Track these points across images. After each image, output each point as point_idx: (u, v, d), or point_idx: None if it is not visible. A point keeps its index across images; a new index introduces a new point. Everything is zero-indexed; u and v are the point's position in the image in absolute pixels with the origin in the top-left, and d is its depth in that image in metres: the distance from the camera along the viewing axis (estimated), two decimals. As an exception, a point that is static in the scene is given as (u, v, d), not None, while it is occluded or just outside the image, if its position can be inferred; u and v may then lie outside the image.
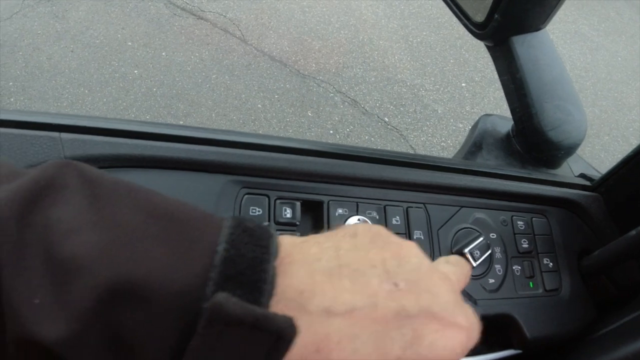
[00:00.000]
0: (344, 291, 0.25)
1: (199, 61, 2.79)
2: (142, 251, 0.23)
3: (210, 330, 0.21)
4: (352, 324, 0.24)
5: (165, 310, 0.22)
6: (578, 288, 0.58)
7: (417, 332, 0.25)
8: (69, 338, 0.21)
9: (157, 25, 2.96)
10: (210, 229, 0.24)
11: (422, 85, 3.05)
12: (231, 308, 0.21)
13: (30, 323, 0.21)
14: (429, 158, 0.55)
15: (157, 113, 2.46)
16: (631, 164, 0.60)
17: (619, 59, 4.07)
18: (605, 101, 3.51)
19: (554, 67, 0.66)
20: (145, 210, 0.24)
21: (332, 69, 2.97)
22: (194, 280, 0.22)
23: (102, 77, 2.58)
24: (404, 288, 0.26)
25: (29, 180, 0.24)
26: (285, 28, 3.18)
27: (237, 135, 0.47)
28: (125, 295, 0.22)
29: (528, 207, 0.59)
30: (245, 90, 2.69)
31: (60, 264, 0.22)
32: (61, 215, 0.23)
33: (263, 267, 0.23)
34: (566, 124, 0.65)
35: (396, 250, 0.28)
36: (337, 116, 2.70)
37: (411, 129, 2.75)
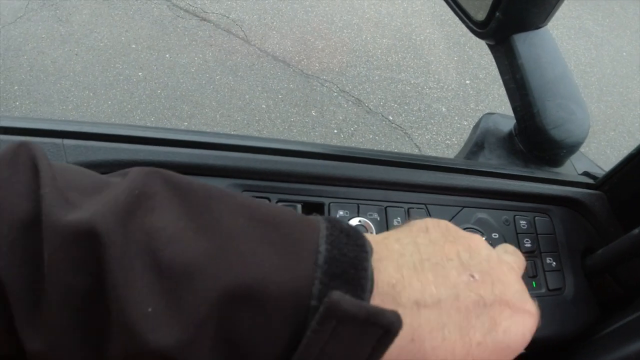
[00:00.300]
0: (429, 284, 0.27)
1: (203, 62, 2.79)
2: (250, 255, 0.24)
3: (324, 327, 0.22)
4: (440, 314, 0.26)
5: (278, 310, 0.23)
6: (582, 287, 0.58)
7: (494, 319, 0.27)
8: (184, 343, 0.22)
9: (161, 27, 2.97)
10: (309, 230, 0.26)
11: (425, 83, 3.04)
12: (346, 305, 0.22)
13: (144, 331, 0.21)
14: (430, 158, 0.55)
15: (162, 115, 2.47)
16: (635, 161, 0.60)
17: (624, 54, 4.04)
18: (611, 97, 3.49)
19: (555, 65, 0.66)
20: (243, 215, 0.25)
21: (336, 68, 2.97)
22: (302, 281, 0.24)
23: (107, 80, 2.59)
24: (479, 279, 0.28)
25: (124, 191, 0.24)
26: (288, 28, 3.18)
27: (237, 138, 0.47)
28: (239, 298, 0.23)
29: (531, 207, 0.59)
30: (249, 90, 2.70)
31: (168, 271, 0.23)
32: (160, 223, 0.24)
33: (363, 265, 0.25)
34: (569, 123, 0.65)
35: (466, 243, 0.30)
36: (341, 115, 2.70)
37: (415, 127, 2.74)
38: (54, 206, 0.23)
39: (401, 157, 0.53)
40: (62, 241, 0.22)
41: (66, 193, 0.24)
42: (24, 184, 0.24)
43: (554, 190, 0.60)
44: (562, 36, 3.97)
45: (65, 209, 0.23)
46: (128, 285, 0.22)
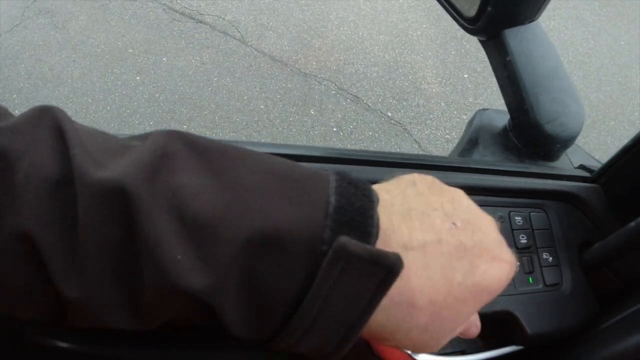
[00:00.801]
0: (416, 230, 0.29)
1: (200, 65, 2.79)
2: (268, 206, 0.26)
3: (334, 267, 0.25)
4: (424, 256, 0.29)
5: (296, 254, 0.25)
6: (579, 282, 0.58)
7: (473, 262, 0.30)
8: (212, 287, 0.24)
9: (157, 31, 2.97)
10: (320, 183, 0.28)
11: (424, 78, 3.04)
12: (353, 247, 0.25)
13: (175, 277, 0.24)
14: (422, 157, 0.54)
15: (161, 118, 2.47)
16: (630, 153, 0.60)
17: (622, 42, 4.02)
18: (610, 86, 3.47)
19: (548, 59, 0.66)
20: (259, 171, 0.28)
21: (333, 66, 2.97)
22: (315, 228, 0.26)
23: (105, 86, 2.60)
24: (461, 226, 0.31)
25: (147, 151, 0.26)
26: (285, 27, 3.18)
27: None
28: (259, 245, 0.25)
29: (526, 202, 0.58)
30: (247, 91, 2.70)
31: (193, 223, 0.25)
32: (184, 180, 0.26)
33: (369, 213, 0.27)
34: (563, 117, 0.65)
35: (450, 196, 0.33)
36: (340, 113, 2.69)
37: (415, 123, 2.74)
38: (85, 165, 0.25)
39: (393, 157, 0.53)
40: (95, 197, 0.24)
41: (94, 154, 0.26)
42: (51, 145, 0.26)
43: (549, 184, 0.60)
44: (559, 27, 3.96)
45: (95, 168, 0.25)
46: (158, 236, 0.24)
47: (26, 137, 0.26)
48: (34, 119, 0.27)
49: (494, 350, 0.54)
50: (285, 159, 0.30)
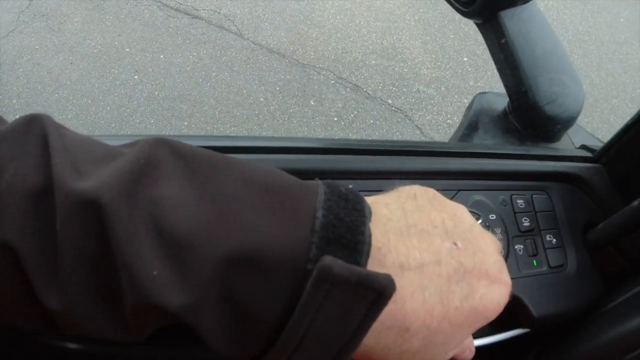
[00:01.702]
0: (414, 249, 0.28)
1: (198, 60, 2.78)
2: (251, 222, 0.25)
3: (318, 289, 0.23)
4: (422, 277, 0.27)
5: (278, 274, 0.24)
6: (584, 262, 0.58)
7: (472, 286, 0.29)
8: (190, 305, 0.23)
9: (153, 28, 2.96)
10: (308, 196, 0.27)
11: (423, 63, 3.02)
12: (338, 269, 0.23)
13: (150, 294, 0.23)
14: (422, 144, 0.54)
15: (161, 116, 2.47)
16: (631, 132, 0.59)
17: (622, 19, 3.98)
18: (611, 64, 3.44)
19: (546, 39, 0.65)
20: (244, 182, 0.26)
21: (331, 55, 2.96)
22: (300, 246, 0.24)
23: (104, 86, 2.59)
24: (461, 246, 0.30)
25: (130, 160, 0.25)
26: (281, 19, 3.16)
27: (216, 139, 0.47)
28: (239, 264, 0.24)
29: (528, 185, 0.58)
30: (246, 85, 2.69)
31: (172, 238, 0.24)
32: (165, 192, 0.25)
33: (360, 229, 0.26)
34: (562, 97, 0.64)
35: (452, 212, 0.32)
36: (340, 103, 2.68)
37: (416, 109, 2.73)
38: (64, 176, 0.24)
39: (393, 145, 0.53)
40: (72, 209, 0.23)
41: (76, 163, 0.25)
42: (35, 155, 0.25)
43: (550, 166, 0.60)
44: (558, 6, 3.92)
45: (74, 178, 0.24)
46: (134, 252, 0.23)
47: (12, 146, 0.26)
48: (21, 128, 0.27)
49: (500, 334, 0.54)
50: (273, 167, 0.29)
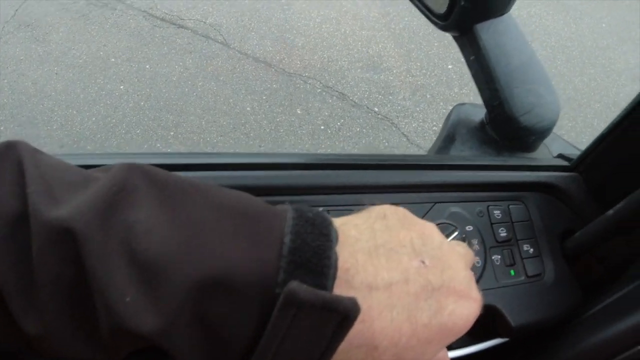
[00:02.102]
0: (382, 268, 0.28)
1: (184, 70, 2.78)
2: (220, 247, 0.25)
3: (285, 313, 0.24)
4: (390, 297, 0.28)
5: (247, 298, 0.25)
6: (562, 271, 0.58)
7: (440, 303, 0.29)
8: (162, 329, 0.24)
9: (139, 38, 2.95)
10: (276, 221, 0.27)
11: (408, 71, 3.04)
12: (303, 293, 0.24)
13: (124, 319, 0.24)
14: (399, 157, 0.55)
15: (147, 126, 2.46)
16: (607, 140, 0.60)
17: (604, 25, 4.04)
18: (594, 69, 3.49)
19: (521, 50, 0.66)
20: (214, 208, 0.27)
21: (317, 64, 2.97)
22: (268, 270, 0.25)
23: (89, 96, 2.58)
24: (429, 264, 0.30)
25: (104, 186, 0.26)
26: (267, 28, 3.17)
27: (199, 157, 0.47)
28: (210, 288, 0.24)
29: (504, 195, 0.59)
30: (233, 94, 2.69)
31: (144, 263, 0.24)
32: (138, 217, 0.25)
33: (327, 254, 0.26)
34: (538, 107, 0.65)
35: (421, 230, 0.32)
36: (327, 111, 2.69)
37: (402, 117, 2.74)
38: (39, 204, 0.25)
39: (370, 159, 0.53)
40: (48, 236, 0.24)
41: (52, 190, 0.26)
42: (10, 183, 0.26)
43: (527, 176, 0.60)
44: (541, 13, 3.97)
45: (50, 205, 0.25)
46: (108, 278, 0.24)
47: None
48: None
49: (479, 344, 0.54)
50: (245, 193, 0.29)
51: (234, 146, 2.42)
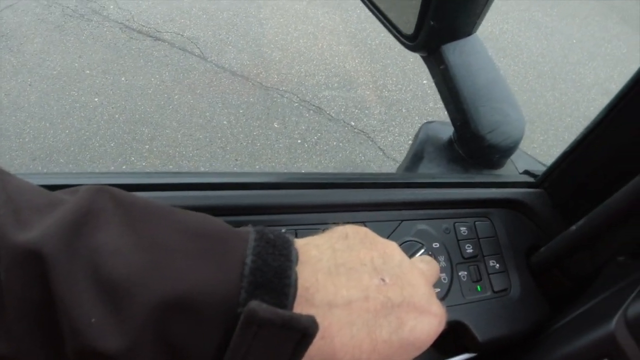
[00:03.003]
0: (342, 287, 0.29)
1: (160, 83, 2.77)
2: (184, 268, 0.26)
3: (246, 331, 0.25)
4: (350, 314, 0.29)
5: (210, 317, 0.25)
6: (528, 285, 0.59)
7: (401, 319, 0.30)
8: (126, 349, 0.24)
9: (115, 50, 2.93)
10: (238, 243, 0.28)
11: (384, 86, 3.08)
12: (263, 312, 0.25)
13: (90, 340, 0.24)
14: (367, 176, 0.55)
15: (122, 139, 2.43)
16: (571, 157, 0.62)
17: (574, 41, 4.16)
18: (564, 84, 3.58)
19: (487, 70, 0.68)
20: (178, 230, 0.28)
21: (295, 78, 2.98)
22: (231, 290, 0.26)
23: (63, 109, 2.55)
24: (390, 282, 0.31)
25: (71, 209, 0.27)
26: (244, 42, 3.18)
27: (165, 177, 0.47)
28: (174, 308, 0.25)
29: (471, 212, 0.60)
30: (209, 108, 2.68)
31: (109, 284, 0.25)
32: (104, 239, 0.26)
33: (287, 273, 0.27)
34: (504, 125, 0.67)
35: (382, 249, 0.33)
36: (304, 125, 2.71)
37: (378, 131, 2.77)
38: (7, 227, 0.25)
39: (337, 177, 0.54)
40: (15, 260, 0.24)
41: (19, 214, 0.26)
42: None
43: (493, 193, 0.62)
44: (513, 29, 4.07)
45: (17, 229, 0.25)
46: (74, 299, 0.24)
47: None
48: None
49: (447, 360, 0.55)
50: (208, 215, 0.30)
51: (210, 160, 2.41)
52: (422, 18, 0.63)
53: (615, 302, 0.48)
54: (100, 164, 2.32)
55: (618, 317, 0.46)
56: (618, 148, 0.56)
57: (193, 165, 2.38)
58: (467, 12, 0.64)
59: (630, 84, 0.51)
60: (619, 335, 0.45)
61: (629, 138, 0.54)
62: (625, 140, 0.55)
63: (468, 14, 0.65)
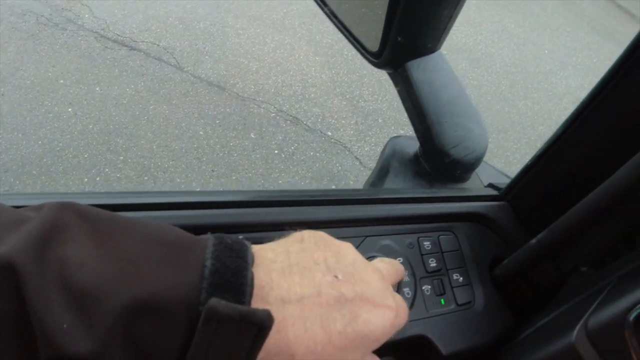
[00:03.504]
0: (295, 284, 0.31)
1: (135, 93, 2.75)
2: (148, 274, 0.28)
3: (208, 327, 0.27)
4: (302, 309, 0.31)
5: (174, 317, 0.27)
6: (491, 298, 0.60)
7: (354, 312, 0.32)
8: (96, 351, 0.25)
9: (89, 60, 2.90)
10: (199, 249, 0.30)
11: (360, 96, 3.10)
12: (222, 308, 0.27)
13: (62, 345, 0.25)
14: (331, 192, 0.56)
15: (96, 150, 2.40)
16: (533, 170, 0.63)
17: (546, 51, 4.26)
18: (537, 93, 3.66)
19: (450, 87, 0.69)
20: (142, 240, 0.29)
21: (271, 89, 2.99)
22: (192, 292, 0.28)
23: (36, 119, 2.51)
24: (342, 279, 0.33)
25: (37, 225, 0.28)
26: (221, 52, 3.18)
27: (127, 197, 0.47)
28: (140, 311, 0.26)
29: (435, 227, 0.61)
30: (185, 118, 2.67)
31: (78, 293, 0.26)
32: (71, 252, 0.27)
33: (243, 274, 0.29)
34: (467, 140, 0.68)
35: (336, 250, 0.35)
36: (281, 135, 2.71)
37: (354, 141, 2.79)
38: None
39: (302, 194, 0.54)
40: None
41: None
42: None
43: (457, 207, 0.63)
44: (486, 40, 4.15)
45: None
46: (46, 308, 0.25)
47: None
48: None
49: (412, 374, 0.56)
50: (170, 226, 0.32)
51: (185, 171, 2.40)
52: (387, 35, 0.64)
53: (576, 313, 0.49)
54: (73, 175, 2.29)
55: (579, 328, 0.46)
56: (578, 161, 0.57)
57: (169, 177, 2.36)
58: (430, 29, 0.66)
59: (588, 98, 0.53)
60: (579, 347, 0.45)
61: (589, 151, 0.55)
62: (585, 153, 0.56)
63: (431, 31, 0.66)
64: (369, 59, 0.69)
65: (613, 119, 0.52)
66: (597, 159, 0.55)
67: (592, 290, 0.51)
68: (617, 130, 0.52)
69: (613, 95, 0.51)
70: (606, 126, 0.53)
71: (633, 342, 0.42)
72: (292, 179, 2.50)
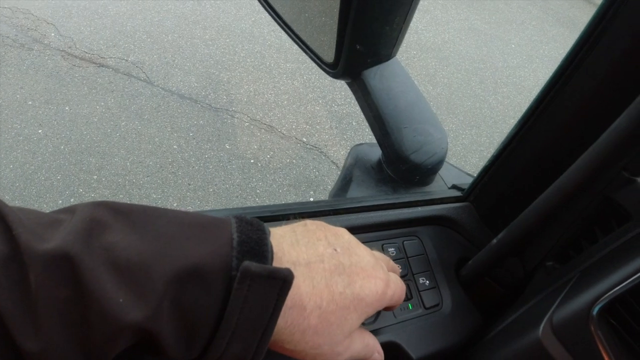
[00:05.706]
0: (302, 253, 0.38)
1: (105, 110, 2.72)
2: (187, 249, 0.33)
3: (242, 285, 0.32)
4: (310, 270, 0.37)
5: (212, 281, 0.32)
6: (459, 298, 0.61)
7: (351, 278, 0.39)
8: (150, 317, 0.30)
9: (57, 79, 2.86)
10: (225, 226, 0.35)
11: (334, 100, 3.12)
12: (254, 268, 0.32)
13: (121, 317, 0.29)
14: (293, 206, 0.56)
15: (68, 171, 2.37)
16: (491, 170, 0.64)
17: (513, 46, 4.33)
18: (506, 87, 3.72)
19: (408, 93, 0.70)
20: (175, 223, 0.34)
21: (244, 98, 2.99)
22: (225, 260, 0.33)
23: (5, 142, 2.46)
24: (340, 252, 0.40)
25: (79, 221, 0.32)
26: (191, 64, 3.16)
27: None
28: (184, 280, 0.31)
29: (399, 232, 0.61)
30: (158, 133, 2.65)
31: (127, 271, 0.30)
32: (113, 239, 0.31)
33: (264, 242, 0.35)
34: (427, 145, 0.69)
35: (334, 231, 0.43)
36: (256, 144, 2.71)
37: (330, 145, 2.80)
38: (30, 241, 0.30)
39: (263, 210, 0.54)
40: (45, 266, 0.29)
41: (35, 231, 0.31)
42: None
43: (420, 212, 0.63)
44: (454, 39, 4.20)
45: (39, 242, 0.30)
46: (101, 288, 0.29)
47: None
48: None
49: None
50: (194, 211, 0.38)
51: (161, 186, 2.38)
52: (340, 45, 0.65)
53: (542, 308, 0.50)
54: (47, 198, 2.25)
55: (544, 323, 0.47)
56: (531, 159, 0.59)
57: (144, 193, 2.34)
58: (383, 36, 0.66)
59: (539, 97, 0.54)
60: (545, 342, 0.46)
61: (541, 149, 0.56)
62: (538, 152, 0.57)
63: (385, 39, 0.67)
64: (326, 70, 0.70)
65: (563, 116, 0.53)
66: (550, 157, 0.57)
67: (556, 285, 0.52)
68: (569, 127, 0.54)
69: (560, 96, 0.52)
70: (557, 123, 0.55)
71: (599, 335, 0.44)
72: (269, 187, 2.50)
